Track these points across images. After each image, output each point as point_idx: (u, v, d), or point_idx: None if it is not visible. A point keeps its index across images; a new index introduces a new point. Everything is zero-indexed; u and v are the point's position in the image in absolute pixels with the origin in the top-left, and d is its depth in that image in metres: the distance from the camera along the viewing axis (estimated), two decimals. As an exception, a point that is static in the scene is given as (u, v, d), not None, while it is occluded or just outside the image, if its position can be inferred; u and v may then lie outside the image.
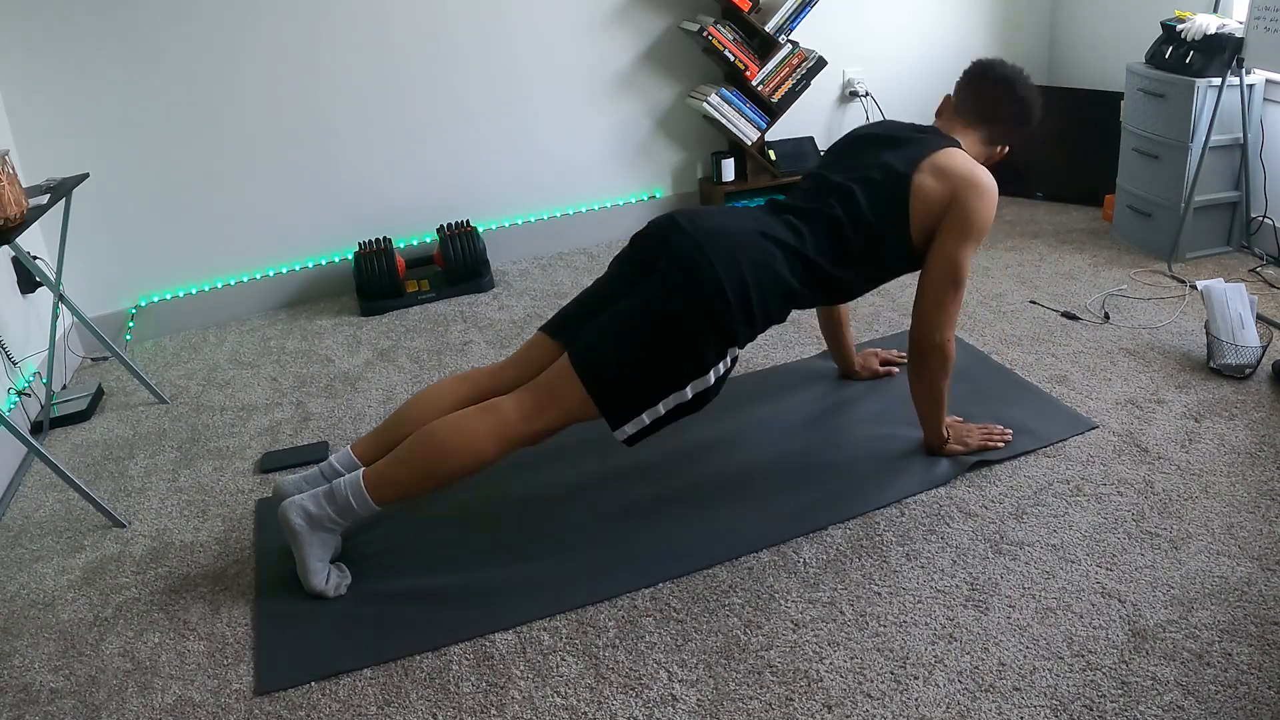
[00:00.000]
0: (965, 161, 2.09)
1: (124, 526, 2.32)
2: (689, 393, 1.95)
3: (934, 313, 2.10)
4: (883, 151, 2.12)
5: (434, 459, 1.90)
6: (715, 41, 3.59)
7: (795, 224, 2.04)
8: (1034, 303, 3.06)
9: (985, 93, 2.21)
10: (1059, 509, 2.07)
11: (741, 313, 1.92)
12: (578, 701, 1.68)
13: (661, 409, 1.95)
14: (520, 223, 3.88)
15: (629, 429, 1.95)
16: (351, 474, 1.95)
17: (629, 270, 2.06)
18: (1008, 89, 2.19)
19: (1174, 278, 3.15)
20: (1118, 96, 3.58)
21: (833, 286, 2.09)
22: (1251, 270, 3.14)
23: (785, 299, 2.01)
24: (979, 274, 3.30)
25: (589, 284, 2.27)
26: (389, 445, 2.02)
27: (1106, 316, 2.93)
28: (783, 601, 1.87)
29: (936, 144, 2.11)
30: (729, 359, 1.99)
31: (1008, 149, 2.28)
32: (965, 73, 2.26)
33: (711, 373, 1.95)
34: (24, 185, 2.51)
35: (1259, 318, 2.66)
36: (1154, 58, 3.26)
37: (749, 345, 2.79)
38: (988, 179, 2.08)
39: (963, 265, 2.07)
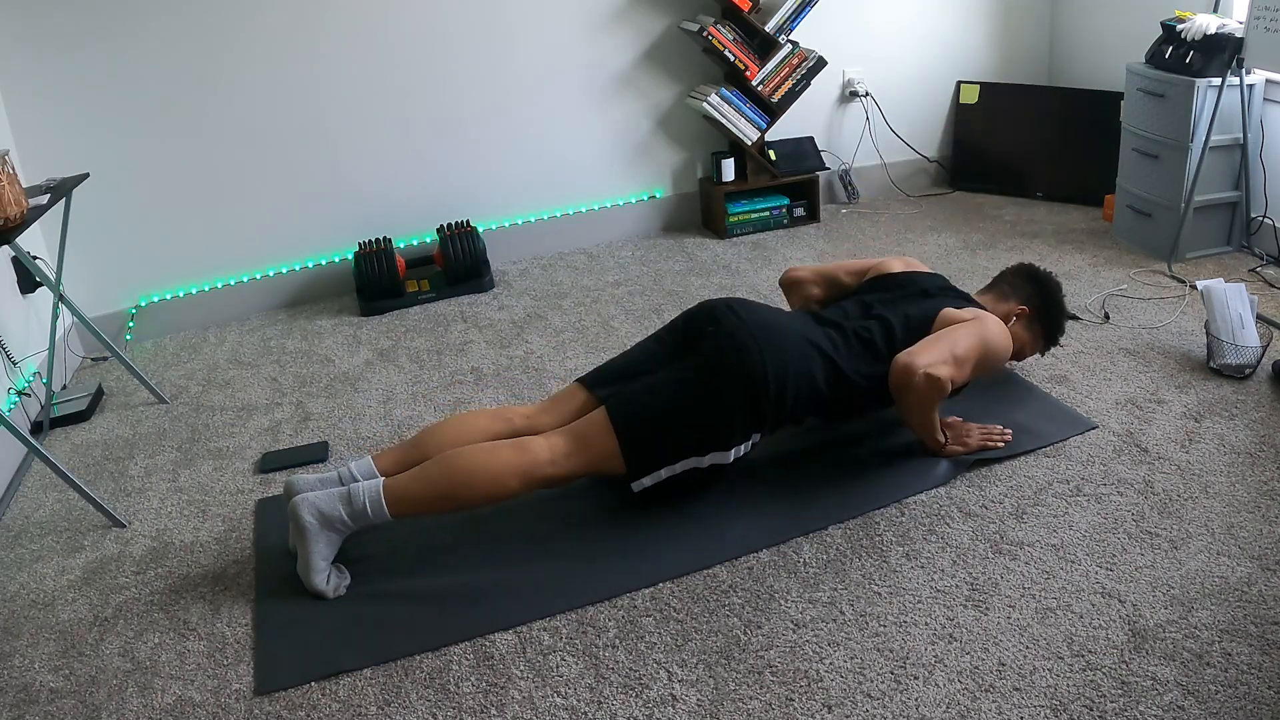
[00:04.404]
0: (980, 309, 2.33)
1: (124, 526, 2.32)
2: (705, 462, 2.08)
3: (921, 346, 2.15)
4: (918, 300, 2.33)
5: (459, 484, 1.98)
6: (715, 41, 3.59)
7: (834, 337, 2.21)
8: (1034, 303, 3.06)
9: (1008, 276, 2.53)
10: (1059, 509, 2.07)
11: (776, 402, 2.07)
12: (578, 701, 1.68)
13: (679, 469, 2.08)
14: (520, 223, 3.88)
15: (646, 481, 2.08)
16: (370, 481, 1.99)
17: (675, 341, 2.23)
18: (1030, 277, 2.48)
19: (1174, 278, 3.15)
20: (1118, 96, 3.58)
21: (853, 397, 2.20)
22: (1251, 270, 3.14)
23: (812, 402, 2.15)
24: (980, 274, 3.30)
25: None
26: (413, 463, 2.08)
27: (1106, 316, 2.93)
28: (783, 601, 1.87)
29: (961, 302, 2.34)
30: (749, 443, 2.12)
31: (1024, 345, 2.45)
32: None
33: (732, 451, 2.09)
34: (24, 185, 2.51)
35: (1259, 318, 2.66)
36: (1154, 58, 3.26)
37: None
38: (997, 322, 2.27)
39: (961, 354, 2.15)
